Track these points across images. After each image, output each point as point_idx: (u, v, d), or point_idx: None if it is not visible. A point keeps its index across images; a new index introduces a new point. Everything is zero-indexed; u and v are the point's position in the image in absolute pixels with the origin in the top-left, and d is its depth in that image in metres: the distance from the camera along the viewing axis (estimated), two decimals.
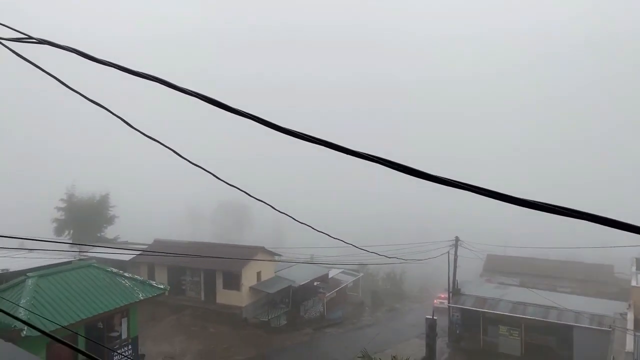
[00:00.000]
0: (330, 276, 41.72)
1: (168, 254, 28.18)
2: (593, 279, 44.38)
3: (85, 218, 45.90)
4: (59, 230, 46.02)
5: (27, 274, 18.90)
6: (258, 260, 33.85)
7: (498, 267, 48.36)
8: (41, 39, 4.10)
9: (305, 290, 36.65)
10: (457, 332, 31.67)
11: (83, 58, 3.83)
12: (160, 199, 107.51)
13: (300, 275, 36.62)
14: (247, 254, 33.85)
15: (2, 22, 4.25)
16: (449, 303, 32.38)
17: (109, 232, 48.96)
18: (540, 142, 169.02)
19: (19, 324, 16.13)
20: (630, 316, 21.55)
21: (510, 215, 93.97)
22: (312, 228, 12.25)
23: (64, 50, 3.93)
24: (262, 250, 35.66)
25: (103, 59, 3.78)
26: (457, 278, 33.66)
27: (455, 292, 32.97)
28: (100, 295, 19.37)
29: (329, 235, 14.21)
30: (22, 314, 16.27)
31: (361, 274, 47.08)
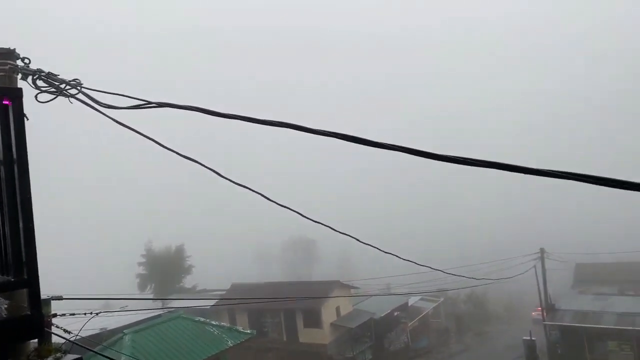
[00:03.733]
0: (409, 304, 40.32)
1: (248, 300, 28.39)
2: None
3: (164, 270, 47.78)
4: (142, 285, 48.11)
5: (124, 331, 19.62)
6: (336, 296, 33.36)
7: (590, 276, 44.60)
8: (160, 103, 4.20)
9: (386, 321, 35.52)
10: (559, 351, 29.29)
11: (204, 114, 3.86)
12: (227, 242, 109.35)
13: (380, 307, 35.60)
14: (324, 289, 33.51)
15: (123, 94, 4.43)
16: (544, 321, 30.14)
17: (187, 282, 50.54)
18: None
19: None
20: None
21: (590, 217, 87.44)
22: (400, 258, 11.66)
23: (184, 110, 4.00)
24: (339, 284, 35.17)
25: (225, 112, 3.79)
26: (548, 292, 31.42)
27: (549, 308, 30.72)
28: (193, 345, 19.70)
29: (416, 263, 13.44)
30: None
31: (441, 299, 45.14)
